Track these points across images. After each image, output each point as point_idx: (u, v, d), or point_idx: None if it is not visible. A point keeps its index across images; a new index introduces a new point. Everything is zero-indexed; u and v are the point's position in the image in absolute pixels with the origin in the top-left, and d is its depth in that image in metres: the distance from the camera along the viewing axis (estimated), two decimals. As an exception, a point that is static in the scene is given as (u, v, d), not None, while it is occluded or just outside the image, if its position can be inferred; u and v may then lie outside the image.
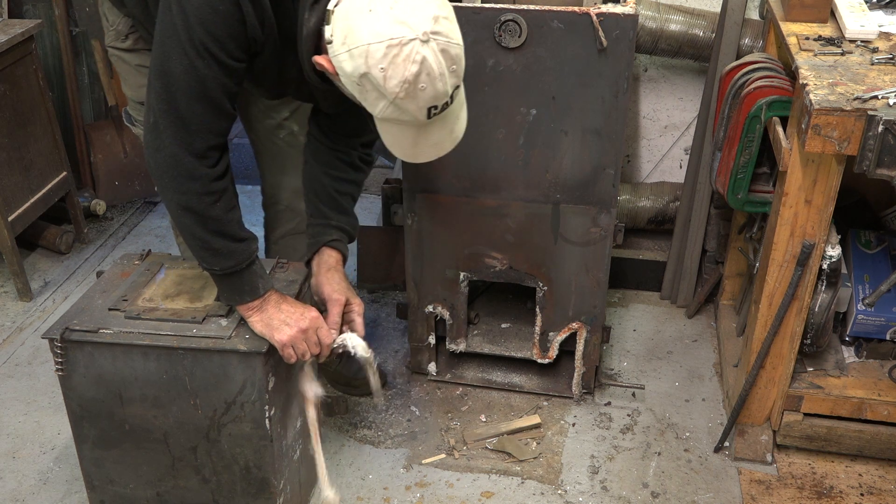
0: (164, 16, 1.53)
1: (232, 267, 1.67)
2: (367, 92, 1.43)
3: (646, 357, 2.66)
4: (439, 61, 1.38)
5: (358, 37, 1.38)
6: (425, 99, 1.40)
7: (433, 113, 1.44)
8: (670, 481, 2.19)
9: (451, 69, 1.41)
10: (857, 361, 2.23)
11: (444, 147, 1.56)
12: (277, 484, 1.87)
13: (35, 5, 3.26)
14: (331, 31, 1.45)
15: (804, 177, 1.87)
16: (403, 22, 1.36)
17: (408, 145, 1.53)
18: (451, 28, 1.41)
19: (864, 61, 1.93)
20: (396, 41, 1.35)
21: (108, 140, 3.49)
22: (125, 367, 1.75)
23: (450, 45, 1.40)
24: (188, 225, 1.64)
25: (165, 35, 1.52)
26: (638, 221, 2.95)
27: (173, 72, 1.52)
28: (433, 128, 1.49)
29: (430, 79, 1.38)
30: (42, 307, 2.93)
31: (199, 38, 1.48)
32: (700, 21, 2.61)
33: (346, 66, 1.42)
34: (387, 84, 1.38)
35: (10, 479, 2.21)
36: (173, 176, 1.59)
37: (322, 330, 1.77)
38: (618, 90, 2.01)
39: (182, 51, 1.50)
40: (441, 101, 1.43)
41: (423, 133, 1.50)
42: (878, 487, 2.15)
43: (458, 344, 2.45)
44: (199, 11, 1.47)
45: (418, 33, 1.36)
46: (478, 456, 2.28)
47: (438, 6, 1.41)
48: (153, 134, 1.58)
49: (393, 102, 1.41)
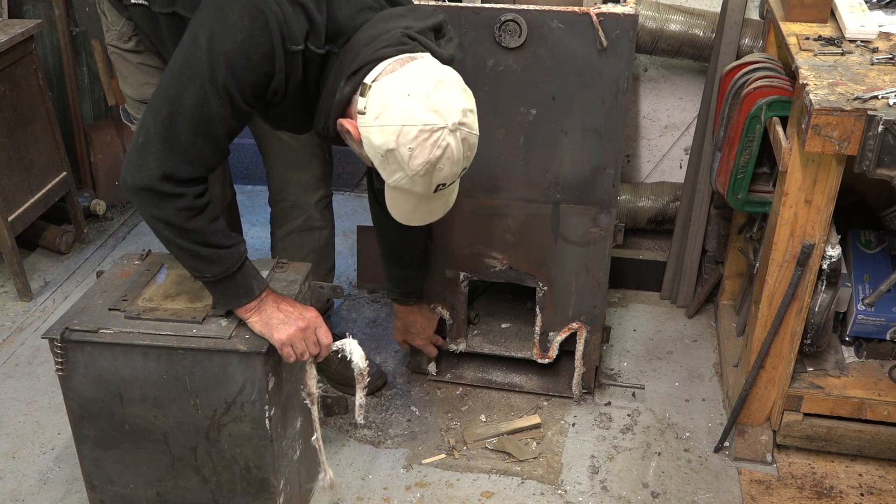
0: (188, 47, 1.54)
1: (223, 272, 1.66)
2: (388, 164, 1.53)
3: (646, 357, 2.66)
4: (460, 149, 1.51)
5: (393, 116, 1.48)
6: (439, 178, 1.53)
7: (439, 188, 1.56)
8: (670, 481, 2.19)
9: (466, 155, 1.54)
10: (857, 361, 2.23)
11: (436, 214, 1.69)
12: (277, 484, 1.87)
13: (35, 5, 3.26)
14: (365, 103, 1.52)
15: (804, 177, 1.87)
16: (437, 111, 1.47)
17: (408, 210, 1.64)
18: (473, 120, 1.55)
19: (864, 61, 1.93)
20: (429, 127, 1.47)
21: (108, 140, 3.49)
22: (125, 367, 1.75)
23: (470, 135, 1.53)
24: (171, 238, 1.63)
25: (186, 66, 1.53)
26: (638, 221, 2.95)
27: (185, 103, 1.53)
28: (434, 200, 1.62)
29: (448, 163, 1.51)
30: (42, 307, 2.93)
31: (223, 79, 1.52)
32: (700, 21, 2.61)
33: (374, 139, 1.51)
34: (411, 162, 1.49)
35: (10, 479, 2.21)
36: (150, 195, 1.57)
37: (321, 330, 1.77)
38: (618, 90, 2.01)
39: (201, 85, 1.52)
40: (451, 180, 1.56)
41: (424, 202, 1.62)
42: (878, 487, 2.15)
43: (458, 344, 2.45)
44: (232, 55, 1.51)
45: (448, 123, 1.48)
46: (478, 456, 2.28)
47: (467, 100, 1.53)
48: (139, 153, 1.56)
49: (410, 177, 1.52)
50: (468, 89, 1.57)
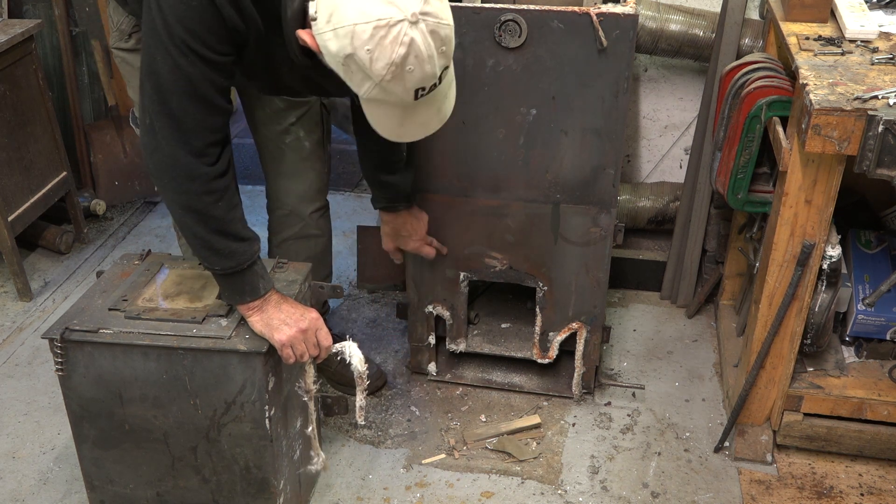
0: (146, 16, 1.51)
1: (233, 267, 1.67)
2: (352, 73, 1.39)
3: (646, 357, 2.66)
4: (428, 43, 1.34)
5: (344, 16, 1.34)
6: (413, 81, 1.37)
7: (420, 94, 1.40)
8: (670, 481, 2.19)
9: (440, 50, 1.37)
10: (857, 361, 2.23)
11: (430, 126, 1.52)
12: (277, 484, 1.87)
13: (35, 5, 3.26)
14: (315, 7, 1.40)
15: (804, 177, 1.87)
16: (392, 2, 1.32)
17: (394, 125, 1.49)
18: (440, 8, 1.37)
19: (864, 61, 1.93)
20: (384, 22, 1.31)
21: (108, 140, 3.49)
22: (125, 367, 1.75)
23: (439, 25, 1.36)
24: (189, 225, 1.63)
25: (148, 35, 1.51)
26: (638, 221, 2.95)
27: (160, 72, 1.51)
28: (420, 108, 1.45)
29: (418, 61, 1.34)
30: (42, 307, 2.93)
31: (179, 35, 1.46)
32: (700, 21, 2.61)
33: (330, 46, 1.38)
34: (373, 66, 1.34)
35: (10, 479, 2.21)
36: (172, 176, 1.58)
37: (321, 332, 1.77)
38: (618, 90, 2.01)
39: (165, 50, 1.48)
40: (429, 82, 1.39)
41: (410, 113, 1.46)
42: (878, 487, 2.15)
43: (458, 344, 2.45)
44: (175, 9, 1.46)
45: (407, 14, 1.32)
46: (478, 456, 2.28)
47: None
48: (150, 135, 1.57)
49: (379, 84, 1.37)
50: None
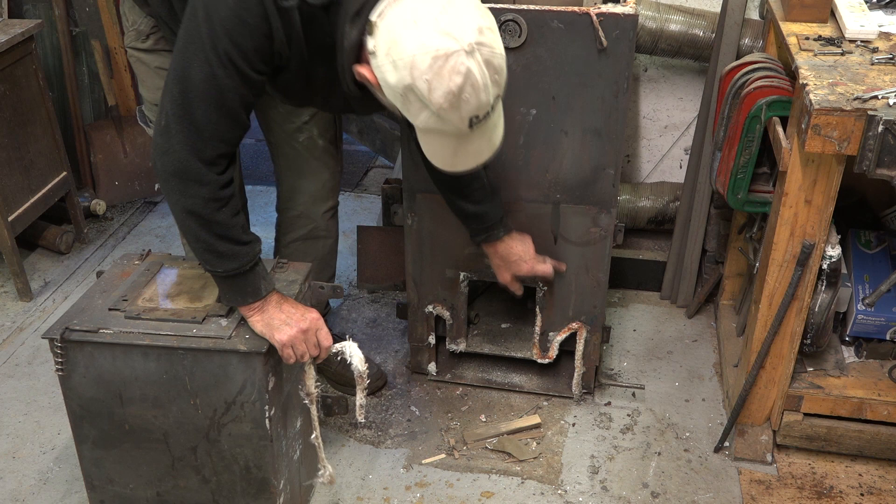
0: (189, 22, 1.52)
1: (235, 269, 1.67)
2: (410, 103, 1.43)
3: (646, 357, 2.66)
4: (483, 72, 1.38)
5: (403, 48, 1.38)
6: (468, 109, 1.40)
7: (474, 123, 1.44)
8: (670, 481, 2.19)
9: (493, 79, 1.41)
10: (857, 361, 2.23)
11: (483, 155, 1.55)
12: (277, 484, 1.87)
13: (35, 5, 3.26)
14: (374, 42, 1.44)
15: (804, 177, 1.87)
16: (449, 33, 1.36)
17: (448, 155, 1.53)
18: (494, 38, 1.41)
19: (864, 61, 1.93)
20: (442, 52, 1.35)
21: (108, 140, 3.49)
22: (125, 367, 1.75)
23: (493, 55, 1.40)
24: (192, 228, 1.63)
25: (189, 41, 1.52)
26: (638, 221, 2.95)
27: (193, 78, 1.51)
28: (474, 137, 1.49)
29: (474, 90, 1.38)
30: (42, 307, 2.93)
31: (224, 47, 1.48)
32: (700, 21, 2.61)
33: (389, 78, 1.42)
34: (431, 95, 1.38)
35: (10, 479, 2.21)
36: (181, 180, 1.58)
37: (322, 332, 1.77)
38: (618, 90, 2.01)
39: (205, 58, 1.49)
40: (483, 110, 1.43)
41: (464, 143, 1.49)
42: (878, 487, 2.15)
43: (458, 344, 2.45)
44: (227, 22, 1.47)
45: (463, 45, 1.36)
46: (478, 456, 2.28)
47: (482, 16, 1.41)
48: (163, 137, 1.57)
49: (436, 113, 1.41)
50: (483, 6, 1.44)
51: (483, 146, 1.53)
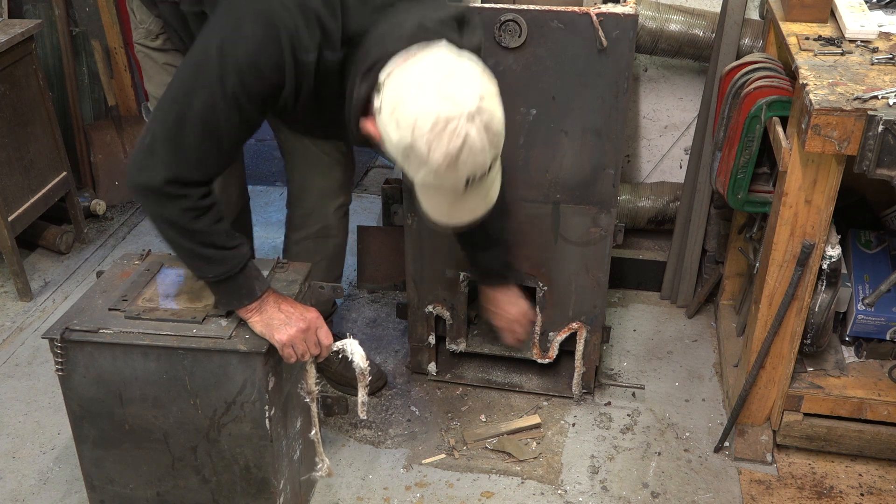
0: (200, 53, 1.54)
1: (226, 272, 1.66)
2: (410, 160, 1.48)
3: (646, 357, 2.66)
4: (482, 137, 1.43)
5: (406, 109, 1.43)
6: (465, 170, 1.46)
7: (471, 182, 1.49)
8: (670, 481, 2.19)
9: (491, 142, 1.46)
10: (857, 361, 2.23)
11: (478, 212, 1.61)
12: (277, 484, 1.87)
13: (35, 5, 3.26)
14: (380, 100, 1.49)
15: (804, 177, 1.87)
16: (451, 99, 1.41)
17: (444, 210, 1.58)
18: (493, 105, 1.47)
19: (864, 61, 1.93)
20: (443, 117, 1.40)
21: (108, 140, 3.49)
22: (125, 367, 1.75)
23: (492, 121, 1.45)
24: (173, 237, 1.63)
25: (197, 72, 1.53)
26: (638, 221, 2.95)
27: (194, 107, 1.52)
28: (469, 195, 1.54)
29: (471, 153, 1.43)
30: (42, 307, 2.93)
31: (233, 87, 1.51)
32: (700, 21, 2.61)
33: (392, 136, 1.47)
34: (431, 156, 1.43)
35: (10, 479, 2.21)
36: (156, 195, 1.57)
37: (322, 330, 1.77)
38: (618, 90, 2.01)
39: (210, 91, 1.51)
40: (480, 172, 1.48)
41: (460, 199, 1.55)
42: (878, 487, 2.15)
43: (458, 344, 2.45)
44: (242, 65, 1.50)
45: (464, 111, 1.41)
46: (478, 456, 2.28)
47: (484, 85, 1.46)
48: (145, 154, 1.56)
49: (434, 172, 1.45)
50: (487, 73, 1.50)
51: (478, 203, 1.59)
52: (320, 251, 2.33)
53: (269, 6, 1.50)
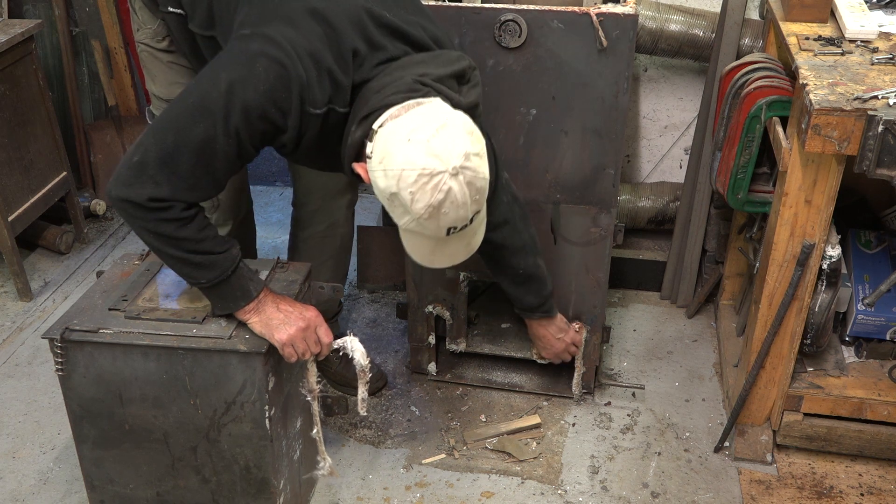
0: (207, 84, 1.55)
1: (217, 276, 1.66)
2: (394, 207, 1.54)
3: (646, 357, 2.66)
4: (464, 192, 1.49)
5: (394, 160, 1.48)
6: (446, 221, 1.52)
7: (452, 231, 1.55)
8: (670, 481, 2.19)
9: (473, 198, 1.52)
10: (857, 361, 2.23)
11: (458, 257, 1.66)
12: (277, 484, 1.87)
13: (35, 5, 3.26)
14: (371, 148, 1.54)
15: (804, 177, 1.87)
16: (437, 155, 1.46)
17: (426, 253, 1.64)
18: (479, 164, 1.52)
19: (864, 61, 1.93)
20: (428, 171, 1.46)
21: (108, 140, 3.49)
22: (125, 367, 1.75)
23: (476, 178, 1.50)
24: (160, 248, 1.63)
25: (201, 102, 1.54)
26: (638, 221, 2.95)
27: (192, 136, 1.54)
28: (451, 242, 1.60)
29: (453, 206, 1.49)
30: (42, 307, 2.93)
31: (236, 123, 1.53)
32: (700, 21, 2.61)
33: (379, 182, 1.52)
34: (413, 206, 1.49)
35: (10, 479, 2.21)
36: (136, 208, 1.57)
37: (322, 328, 1.77)
38: (618, 90, 2.01)
39: (212, 123, 1.53)
40: (461, 223, 1.54)
41: (441, 246, 1.60)
42: (878, 487, 2.15)
43: (458, 344, 2.45)
44: (250, 105, 1.53)
45: (448, 167, 1.46)
46: (478, 456, 2.28)
47: (471, 144, 1.51)
48: (134, 172, 1.56)
49: (417, 220, 1.51)
50: (477, 132, 1.55)
51: (460, 249, 1.65)
52: (328, 249, 2.34)
53: (285, 54, 1.53)
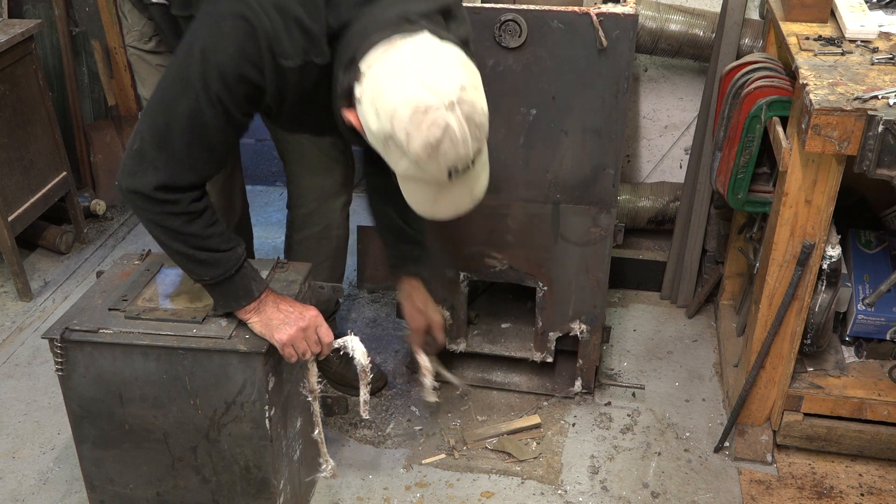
0: (183, 57, 1.54)
1: (221, 274, 1.66)
2: (390, 150, 1.47)
3: (646, 357, 2.66)
4: (463, 127, 1.41)
5: (386, 99, 1.42)
6: (446, 161, 1.43)
7: (454, 174, 1.46)
8: (670, 481, 2.19)
9: (473, 135, 1.44)
10: (857, 361, 2.23)
11: (462, 206, 1.57)
12: (277, 484, 1.87)
13: (35, 5, 3.26)
14: (361, 89, 1.48)
15: (804, 177, 1.87)
16: (430, 88, 1.39)
17: (427, 202, 1.55)
18: (476, 96, 1.44)
19: (864, 61, 1.93)
20: (422, 106, 1.38)
21: (108, 140, 3.49)
22: (125, 367, 1.75)
23: (474, 112, 1.43)
24: (167, 242, 1.63)
25: (180, 76, 1.53)
26: (638, 221, 2.95)
27: (179, 112, 1.53)
28: (454, 188, 1.51)
29: (452, 143, 1.41)
30: (42, 307, 2.93)
31: (216, 90, 1.50)
32: (700, 21, 2.61)
33: (372, 125, 1.46)
34: (410, 146, 1.41)
35: (10, 479, 2.21)
36: (145, 200, 1.58)
37: (322, 328, 1.77)
38: (618, 90, 2.01)
39: (195, 95, 1.51)
40: (462, 163, 1.45)
41: (443, 192, 1.52)
42: (878, 487, 2.15)
43: (458, 344, 2.45)
44: (224, 67, 1.49)
45: (444, 100, 1.39)
46: (478, 456, 2.28)
47: (467, 75, 1.44)
48: (135, 160, 1.57)
49: (414, 163, 1.44)
50: (471, 65, 1.48)
51: (464, 196, 1.55)
52: (324, 250, 2.33)
53: (248, 8, 1.49)
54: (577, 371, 2.41)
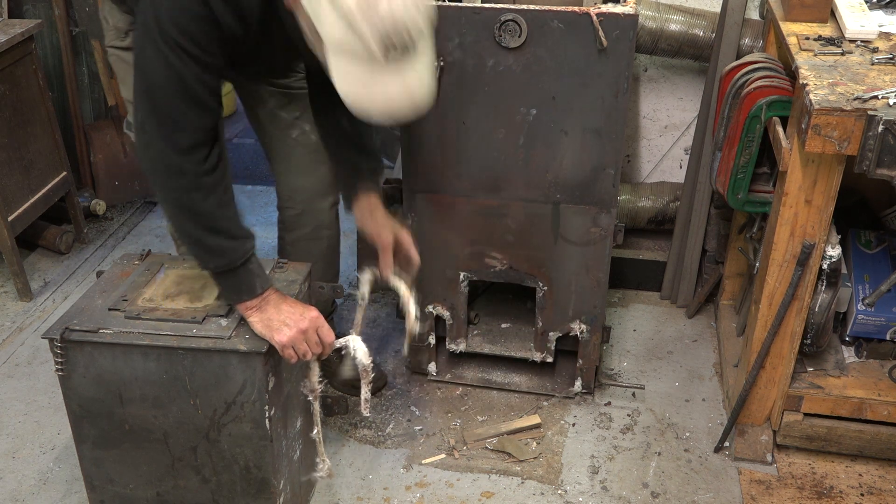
0: (140, 17, 1.56)
1: (226, 265, 1.67)
2: (321, 7, 1.33)
3: (646, 357, 2.66)
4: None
5: None
6: (382, 27, 1.29)
7: (390, 51, 1.32)
8: (670, 481, 2.19)
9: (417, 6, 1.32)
10: (857, 361, 2.23)
11: (396, 104, 1.39)
12: (277, 484, 1.87)
13: (35, 5, 3.26)
14: None
15: (804, 177, 1.87)
16: None
17: (359, 86, 1.37)
18: None
19: (864, 61, 1.93)
20: None
21: (108, 140, 3.49)
22: (125, 367, 1.75)
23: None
24: (180, 222, 1.66)
25: (141, 34, 1.55)
26: (638, 221, 2.95)
27: (151, 70, 1.53)
28: (388, 75, 1.35)
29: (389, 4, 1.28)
30: (42, 307, 2.93)
31: (173, 36, 1.49)
32: (700, 21, 2.61)
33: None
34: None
35: (10, 479, 2.21)
36: (162, 172, 1.61)
37: (323, 329, 1.77)
38: (618, 90, 2.01)
39: (157, 49, 1.51)
40: (399, 37, 1.31)
41: (376, 77, 1.35)
42: (878, 487, 2.15)
43: (458, 344, 2.45)
44: (171, 11, 1.49)
45: None
46: (478, 456, 2.28)
47: None
48: (141, 133, 1.61)
49: (344, 18, 1.30)
50: None
51: (399, 92, 1.37)
52: (316, 251, 2.33)
53: None
54: (577, 371, 2.41)
